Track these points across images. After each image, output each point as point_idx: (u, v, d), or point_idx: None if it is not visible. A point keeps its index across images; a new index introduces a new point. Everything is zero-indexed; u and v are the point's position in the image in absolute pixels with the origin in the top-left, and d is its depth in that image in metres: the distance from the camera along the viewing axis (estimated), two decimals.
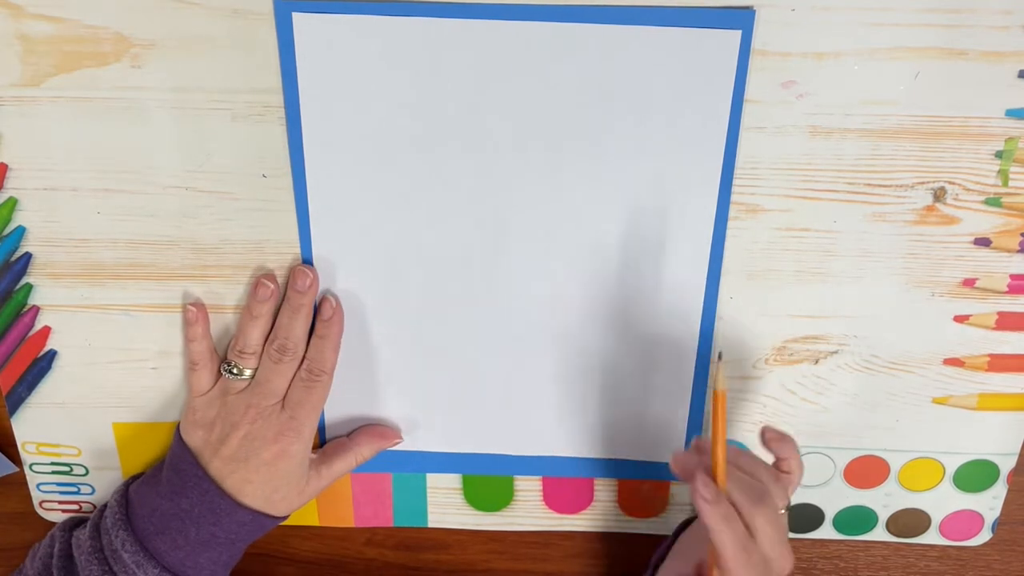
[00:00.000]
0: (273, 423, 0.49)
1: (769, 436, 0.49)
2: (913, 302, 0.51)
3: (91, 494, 0.58)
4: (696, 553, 0.49)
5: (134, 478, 0.54)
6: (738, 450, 0.48)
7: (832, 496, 0.57)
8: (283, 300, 0.50)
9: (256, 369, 0.50)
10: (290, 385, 0.50)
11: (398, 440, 0.54)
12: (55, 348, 0.53)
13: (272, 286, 0.49)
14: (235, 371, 0.50)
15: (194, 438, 0.50)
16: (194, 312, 0.50)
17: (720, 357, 0.45)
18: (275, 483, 0.49)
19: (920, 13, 0.43)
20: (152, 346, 0.53)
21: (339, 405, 0.54)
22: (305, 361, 0.50)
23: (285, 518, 0.52)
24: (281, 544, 0.61)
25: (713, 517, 0.42)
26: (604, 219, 0.48)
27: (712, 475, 0.44)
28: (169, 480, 0.50)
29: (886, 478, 0.56)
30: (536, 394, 0.53)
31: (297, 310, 0.49)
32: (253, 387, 0.50)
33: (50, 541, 0.54)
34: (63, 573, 0.50)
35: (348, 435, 0.55)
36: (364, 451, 0.53)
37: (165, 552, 0.49)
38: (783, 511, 0.47)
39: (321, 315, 0.50)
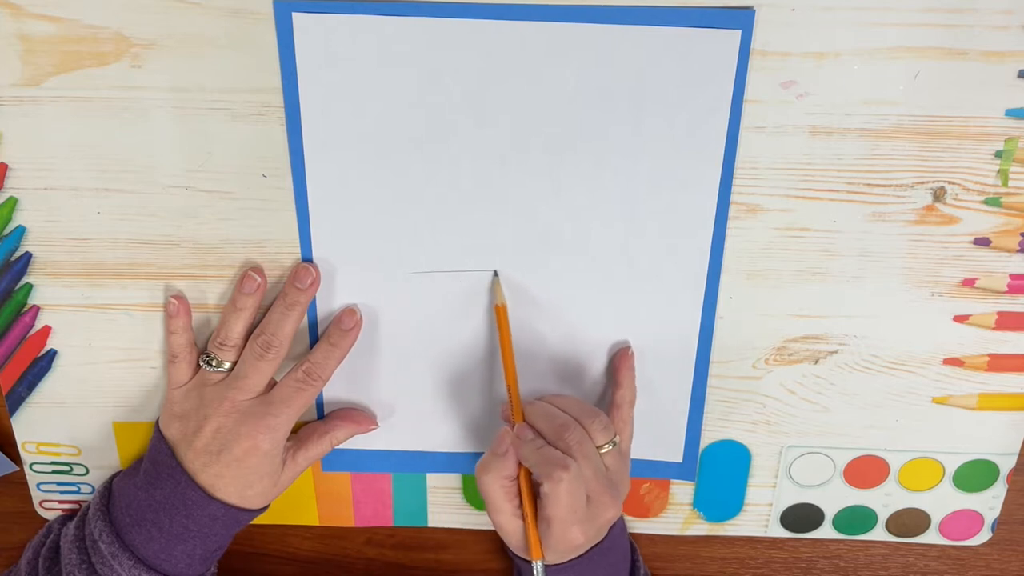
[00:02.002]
0: (247, 418, 0.48)
1: (622, 358, 0.51)
2: (913, 302, 0.51)
3: (91, 494, 0.58)
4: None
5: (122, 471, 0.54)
6: (559, 394, 0.52)
7: (832, 496, 0.57)
8: (277, 296, 0.50)
9: (235, 362, 0.50)
10: (281, 382, 0.50)
11: (373, 426, 0.54)
12: (55, 348, 0.53)
13: (259, 279, 0.49)
14: (213, 363, 0.50)
15: (171, 430, 0.50)
16: (175, 305, 0.50)
17: (496, 275, 0.50)
18: (248, 479, 0.49)
19: (920, 13, 0.43)
20: (152, 346, 0.53)
21: (337, 406, 0.54)
22: (306, 363, 0.50)
23: (264, 509, 0.52)
24: (281, 544, 0.61)
25: (516, 446, 0.47)
26: (604, 219, 0.48)
27: (513, 403, 0.49)
28: (146, 472, 0.50)
29: (886, 478, 0.56)
30: (536, 393, 0.53)
31: (291, 307, 0.49)
32: (230, 380, 0.49)
33: (45, 532, 0.55)
34: (48, 563, 0.51)
35: (322, 419, 0.54)
36: (339, 435, 0.53)
37: (140, 544, 0.49)
38: (606, 447, 0.48)
39: (341, 324, 0.50)
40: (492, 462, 0.48)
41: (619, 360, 0.51)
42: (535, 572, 0.48)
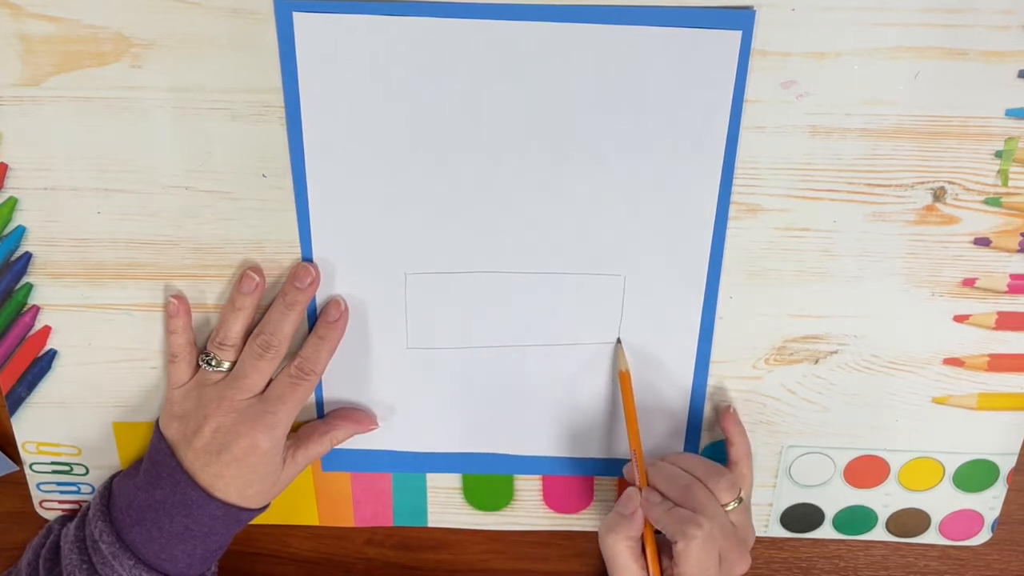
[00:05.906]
0: (246, 418, 0.48)
1: (725, 416, 0.53)
2: (913, 302, 0.51)
3: (91, 494, 0.58)
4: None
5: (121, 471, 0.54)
6: (681, 453, 0.53)
7: (832, 496, 0.57)
8: (276, 295, 0.50)
9: (234, 362, 0.50)
10: (275, 379, 0.50)
11: (373, 426, 0.54)
12: (55, 348, 0.53)
13: (257, 279, 0.49)
14: (213, 363, 0.50)
15: (171, 430, 0.50)
16: (175, 305, 0.50)
17: (619, 341, 0.51)
18: (247, 478, 0.49)
19: (920, 13, 0.43)
20: (152, 346, 0.53)
21: (337, 406, 0.54)
22: (297, 358, 0.50)
23: (264, 509, 0.52)
24: (281, 544, 0.61)
25: (645, 508, 0.48)
26: (604, 219, 0.48)
27: (639, 467, 0.50)
28: (146, 472, 0.50)
29: (886, 478, 0.56)
30: (536, 394, 0.54)
31: (291, 307, 0.49)
32: (230, 380, 0.49)
33: (46, 532, 0.55)
34: (48, 564, 0.51)
35: (322, 418, 0.54)
36: (339, 435, 0.53)
37: (141, 544, 0.49)
38: (731, 505, 0.48)
39: (327, 316, 0.50)
40: (619, 523, 0.49)
41: (724, 419, 0.53)
42: None
